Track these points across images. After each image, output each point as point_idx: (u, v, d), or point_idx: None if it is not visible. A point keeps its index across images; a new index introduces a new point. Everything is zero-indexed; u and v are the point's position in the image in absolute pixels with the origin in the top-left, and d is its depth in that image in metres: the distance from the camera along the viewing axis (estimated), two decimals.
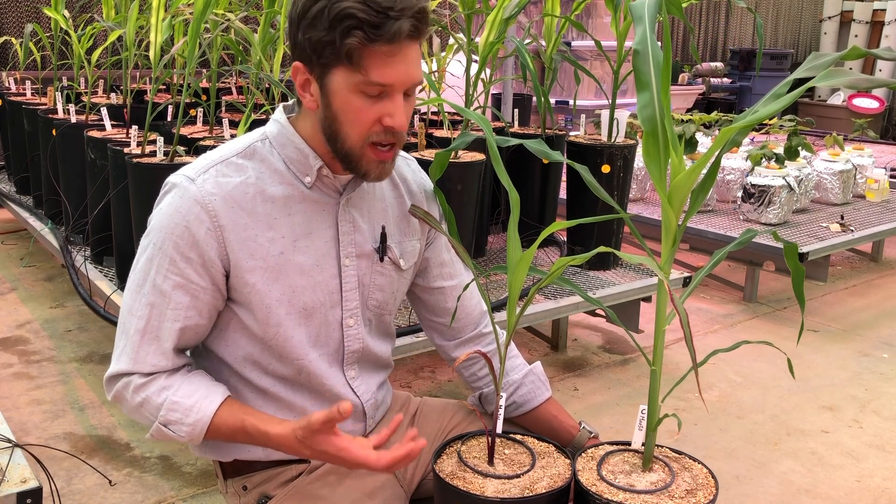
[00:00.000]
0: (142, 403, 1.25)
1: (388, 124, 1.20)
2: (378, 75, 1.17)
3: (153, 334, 1.25)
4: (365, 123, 1.21)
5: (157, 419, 1.25)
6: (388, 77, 1.17)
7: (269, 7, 2.71)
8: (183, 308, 1.25)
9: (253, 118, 2.54)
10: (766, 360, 3.21)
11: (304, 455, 1.24)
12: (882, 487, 2.37)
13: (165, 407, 1.24)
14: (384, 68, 1.16)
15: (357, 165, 1.25)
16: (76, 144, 3.02)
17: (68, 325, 3.39)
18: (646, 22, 1.15)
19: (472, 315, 1.52)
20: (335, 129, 1.23)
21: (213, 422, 1.24)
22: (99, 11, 3.66)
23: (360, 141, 1.22)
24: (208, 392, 1.26)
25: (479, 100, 2.71)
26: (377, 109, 1.20)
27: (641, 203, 4.31)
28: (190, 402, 1.24)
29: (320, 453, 1.21)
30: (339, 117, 1.21)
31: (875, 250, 4.72)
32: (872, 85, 1.08)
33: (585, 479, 1.23)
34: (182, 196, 1.24)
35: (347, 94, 1.19)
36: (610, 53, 2.95)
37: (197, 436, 1.25)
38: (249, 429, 1.24)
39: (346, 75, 1.18)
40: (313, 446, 1.20)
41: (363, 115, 1.20)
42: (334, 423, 1.17)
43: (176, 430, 1.25)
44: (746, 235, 1.28)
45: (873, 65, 9.25)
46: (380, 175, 1.27)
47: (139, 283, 1.26)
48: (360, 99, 1.19)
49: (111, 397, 1.30)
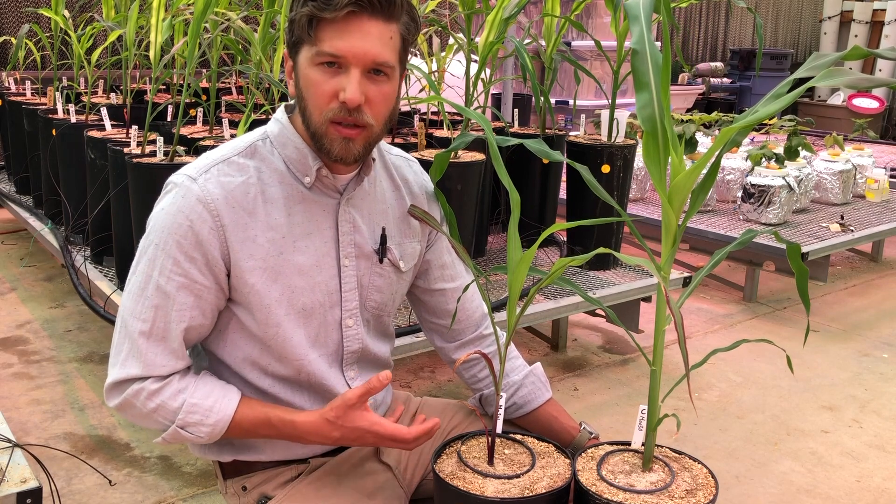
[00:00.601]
0: (156, 409, 1.24)
1: (342, 98, 1.19)
2: (329, 46, 1.18)
3: (160, 336, 1.24)
4: (322, 97, 1.21)
5: (175, 423, 1.24)
6: (339, 48, 1.18)
7: (269, 7, 2.71)
8: (188, 308, 1.24)
9: (253, 118, 2.54)
10: (766, 360, 3.21)
11: (330, 439, 1.26)
12: (882, 487, 2.37)
13: (184, 410, 1.24)
14: (335, 40, 1.18)
15: (322, 143, 1.24)
16: (76, 144, 3.02)
17: (68, 325, 3.39)
18: (642, 21, 1.14)
19: (472, 317, 1.52)
20: (303, 108, 1.24)
21: (234, 419, 1.25)
22: (99, 11, 3.66)
23: (320, 117, 1.22)
24: (224, 392, 1.27)
25: (478, 100, 2.71)
26: (333, 83, 1.20)
27: (641, 203, 4.31)
28: (209, 403, 1.24)
29: (352, 430, 1.23)
30: (303, 94, 1.23)
31: (875, 250, 4.72)
32: (872, 84, 1.07)
33: (585, 479, 1.23)
34: (184, 196, 1.23)
35: (307, 68, 1.21)
36: (610, 53, 2.95)
37: (216, 435, 1.25)
38: (274, 420, 1.26)
39: (307, 50, 1.21)
40: (346, 423, 1.23)
41: (319, 88, 1.20)
42: (369, 396, 1.24)
43: (194, 432, 1.24)
44: (746, 235, 1.28)
45: (873, 65, 9.26)
46: (345, 153, 1.24)
47: (141, 286, 1.24)
48: (317, 72, 1.20)
49: (116, 404, 1.26)
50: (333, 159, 1.26)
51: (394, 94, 1.26)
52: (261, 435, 1.29)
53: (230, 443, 1.36)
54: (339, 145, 1.23)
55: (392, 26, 1.21)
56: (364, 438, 1.26)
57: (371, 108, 1.22)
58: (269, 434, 1.28)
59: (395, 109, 1.28)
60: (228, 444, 1.37)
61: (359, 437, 1.26)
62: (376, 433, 1.25)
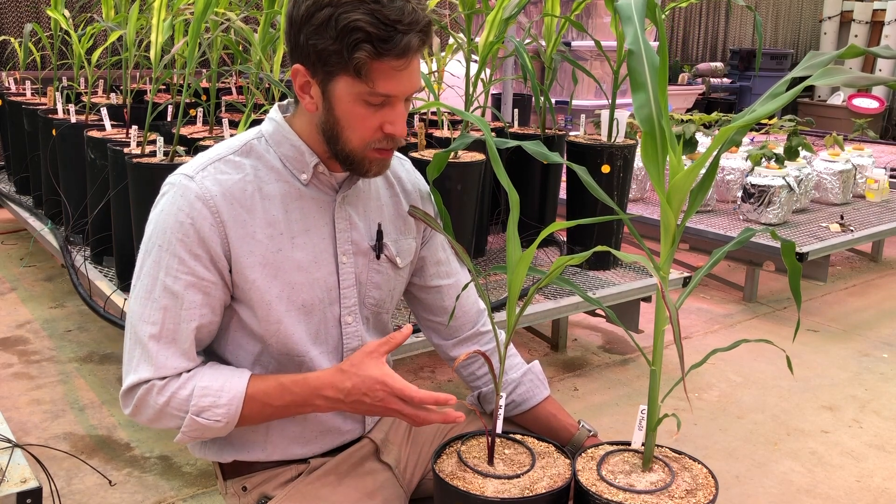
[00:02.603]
0: (168, 401, 1.22)
1: (390, 132, 1.22)
2: (384, 87, 1.18)
3: (170, 338, 1.23)
4: (367, 131, 1.23)
5: (189, 410, 1.21)
6: (394, 89, 1.19)
7: (269, 7, 2.71)
8: (197, 307, 1.23)
9: (253, 118, 2.54)
10: (766, 360, 3.21)
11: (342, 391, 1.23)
12: (882, 487, 2.37)
13: (195, 395, 1.21)
14: (391, 81, 1.18)
15: (358, 166, 1.27)
16: (76, 144, 3.02)
17: (68, 325, 3.39)
18: (635, 22, 1.14)
19: (469, 313, 1.52)
20: (336, 132, 1.24)
21: (248, 393, 1.23)
22: (99, 11, 3.66)
23: (361, 146, 1.24)
24: (233, 371, 1.26)
25: (478, 100, 2.71)
26: (379, 117, 1.22)
27: (641, 203, 4.31)
28: (219, 384, 1.23)
29: (364, 380, 1.21)
30: (341, 122, 1.23)
31: (875, 250, 4.72)
32: (870, 82, 1.08)
33: (585, 479, 1.23)
34: (183, 194, 1.24)
35: (351, 102, 1.20)
36: (610, 53, 2.95)
37: (233, 415, 1.23)
38: (287, 383, 1.24)
39: (351, 84, 1.19)
40: (360, 371, 1.22)
41: (366, 122, 1.22)
42: (390, 350, 1.24)
43: (210, 416, 1.22)
44: (745, 235, 1.28)
45: (873, 64, 9.26)
46: (380, 171, 1.29)
47: (148, 289, 1.23)
48: (363, 108, 1.21)
49: (130, 410, 1.25)
50: (370, 177, 1.31)
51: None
52: (277, 406, 1.25)
53: (230, 443, 1.36)
54: (377, 166, 1.28)
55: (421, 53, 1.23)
56: (374, 391, 1.21)
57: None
58: (285, 402, 1.25)
59: None
60: (228, 444, 1.37)
61: (369, 388, 1.21)
62: (386, 385, 1.21)
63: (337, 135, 1.24)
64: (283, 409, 1.26)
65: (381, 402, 1.22)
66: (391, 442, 1.47)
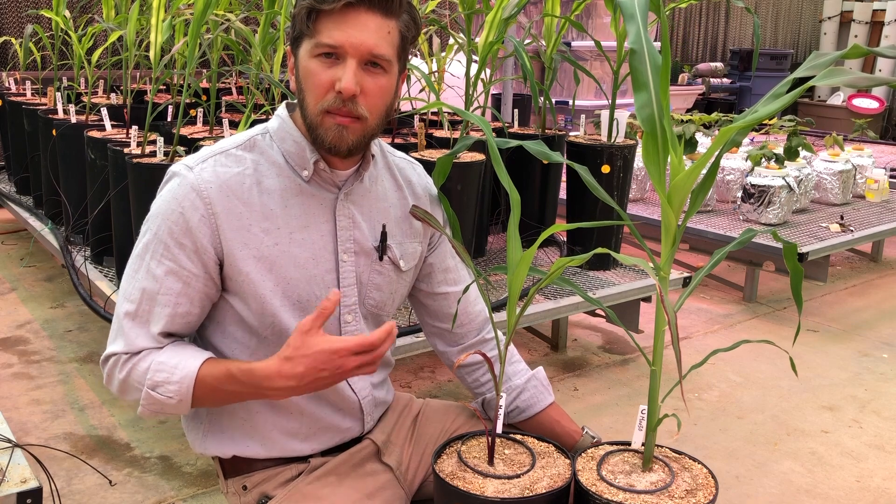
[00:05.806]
0: (129, 373, 1.24)
1: (337, 88, 1.21)
2: (327, 37, 1.21)
3: (144, 318, 1.26)
4: (319, 88, 1.23)
5: (145, 384, 1.23)
6: (336, 38, 1.20)
7: (269, 7, 2.71)
8: (174, 294, 1.25)
9: (253, 118, 2.54)
10: (766, 360, 3.21)
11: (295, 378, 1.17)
12: (882, 487, 2.37)
13: (152, 369, 1.23)
14: (333, 31, 1.20)
15: (317, 133, 1.25)
16: (76, 144, 3.02)
17: (68, 325, 3.39)
18: (638, 20, 1.14)
19: (475, 321, 1.52)
20: (301, 100, 1.26)
21: (199, 375, 1.21)
22: (99, 12, 3.66)
23: (315, 107, 1.24)
24: (194, 352, 1.26)
25: (478, 100, 2.72)
26: (330, 74, 1.22)
27: (641, 203, 4.31)
28: (175, 361, 1.23)
29: (315, 357, 1.16)
30: (302, 86, 1.25)
31: (875, 250, 4.72)
32: (871, 83, 1.08)
33: (585, 479, 1.23)
34: (180, 184, 1.26)
35: (307, 60, 1.24)
36: (610, 53, 2.95)
37: (185, 393, 1.22)
38: (235, 372, 1.21)
39: (306, 43, 1.24)
40: (307, 351, 1.15)
41: (317, 79, 1.23)
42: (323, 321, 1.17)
43: (164, 392, 1.22)
44: (746, 235, 1.28)
45: (873, 65, 9.26)
46: (338, 141, 1.24)
47: (135, 269, 1.28)
48: (315, 63, 1.23)
49: (105, 380, 1.30)
50: (328, 148, 1.26)
51: (391, 88, 1.27)
52: (229, 391, 1.23)
53: (230, 437, 1.37)
54: (332, 133, 1.24)
55: (390, 22, 1.23)
56: (330, 362, 1.16)
57: (366, 99, 1.23)
58: (235, 391, 1.23)
59: (391, 105, 1.30)
60: (228, 438, 1.37)
61: (323, 362, 1.16)
62: (339, 350, 1.15)
63: (301, 102, 1.26)
64: (236, 395, 1.25)
65: (339, 368, 1.17)
66: (393, 443, 1.47)
